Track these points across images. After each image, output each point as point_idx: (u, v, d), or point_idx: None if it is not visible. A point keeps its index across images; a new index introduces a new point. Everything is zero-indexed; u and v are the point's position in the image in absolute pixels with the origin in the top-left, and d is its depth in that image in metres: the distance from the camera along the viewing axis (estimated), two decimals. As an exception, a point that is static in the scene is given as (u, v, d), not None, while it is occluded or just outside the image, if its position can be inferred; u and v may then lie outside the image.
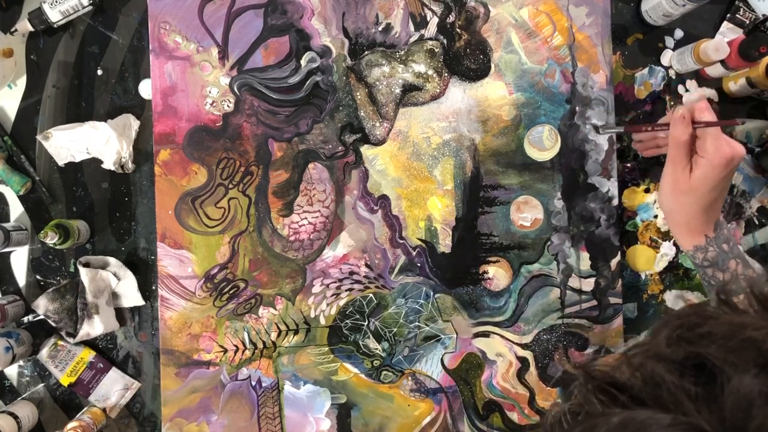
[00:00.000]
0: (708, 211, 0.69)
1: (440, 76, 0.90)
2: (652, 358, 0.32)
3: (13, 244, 0.87)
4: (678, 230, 0.73)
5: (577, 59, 0.90)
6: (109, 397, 0.91)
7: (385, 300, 0.91)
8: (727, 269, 0.70)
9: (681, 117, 0.67)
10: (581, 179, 0.91)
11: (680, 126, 0.67)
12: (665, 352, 0.32)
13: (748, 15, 0.91)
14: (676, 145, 0.68)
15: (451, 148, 0.90)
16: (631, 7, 0.92)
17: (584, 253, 0.91)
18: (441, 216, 0.91)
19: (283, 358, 0.91)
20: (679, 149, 0.68)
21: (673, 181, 0.69)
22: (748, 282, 0.34)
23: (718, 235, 0.70)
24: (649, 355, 0.32)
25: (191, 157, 0.90)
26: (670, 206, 0.71)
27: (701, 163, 0.66)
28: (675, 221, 0.73)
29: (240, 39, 0.90)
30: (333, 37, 0.90)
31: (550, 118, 0.90)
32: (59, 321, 0.88)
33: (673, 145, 0.68)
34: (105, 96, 0.91)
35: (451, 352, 0.91)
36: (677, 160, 0.68)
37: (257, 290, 0.91)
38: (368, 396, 0.91)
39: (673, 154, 0.68)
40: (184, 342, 0.90)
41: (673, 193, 0.70)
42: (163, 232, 0.90)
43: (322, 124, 0.90)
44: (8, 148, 0.91)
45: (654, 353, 0.32)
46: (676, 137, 0.67)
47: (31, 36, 0.91)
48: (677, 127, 0.67)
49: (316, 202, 0.91)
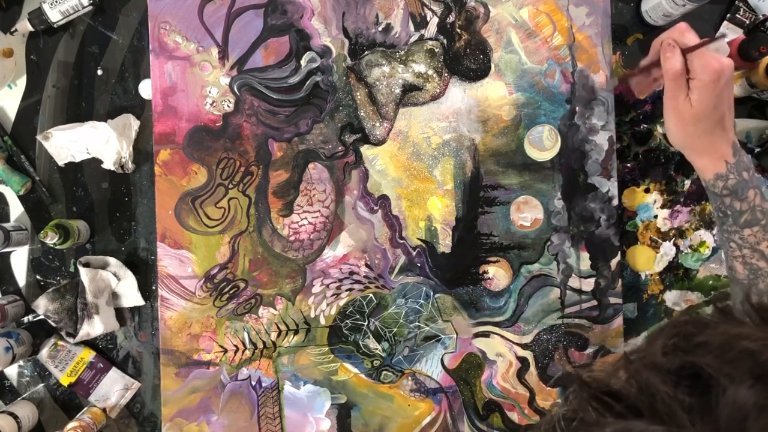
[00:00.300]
0: (719, 130, 0.67)
1: (440, 76, 0.90)
2: (648, 366, 0.32)
3: (13, 244, 0.87)
4: (697, 161, 0.71)
5: (577, 59, 0.90)
6: (109, 397, 0.91)
7: (385, 300, 0.91)
8: (746, 198, 0.68)
9: (671, 47, 0.65)
10: (581, 179, 0.91)
11: (672, 57, 0.65)
12: (661, 361, 0.31)
13: (748, 15, 0.91)
14: (673, 76, 0.66)
15: (451, 148, 0.90)
16: (631, 7, 0.92)
17: (584, 253, 0.91)
18: (441, 216, 0.91)
19: (283, 358, 0.91)
20: (676, 80, 0.66)
21: (677, 114, 0.67)
22: (745, 290, 0.34)
23: (738, 161, 0.68)
24: (644, 363, 0.32)
25: (191, 157, 0.90)
26: (682, 141, 0.70)
27: (695, 85, 0.65)
28: (692, 152, 0.71)
29: (240, 39, 0.90)
30: (333, 37, 0.90)
31: (550, 118, 0.90)
32: (59, 321, 0.88)
33: (669, 78, 0.66)
34: (105, 96, 0.91)
35: (451, 352, 0.91)
36: (677, 90, 0.66)
37: (257, 290, 0.91)
38: (368, 396, 0.91)
39: (672, 86, 0.67)
40: (184, 342, 0.90)
41: (680, 125, 0.68)
42: (163, 232, 0.90)
43: (322, 124, 0.90)
44: (8, 148, 0.91)
45: (649, 362, 0.32)
46: (671, 68, 0.66)
47: (31, 36, 0.91)
48: (669, 59, 0.65)
49: (316, 202, 0.91)
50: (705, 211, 0.93)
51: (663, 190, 0.92)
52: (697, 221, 0.93)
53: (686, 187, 0.92)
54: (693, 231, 0.92)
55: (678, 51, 0.65)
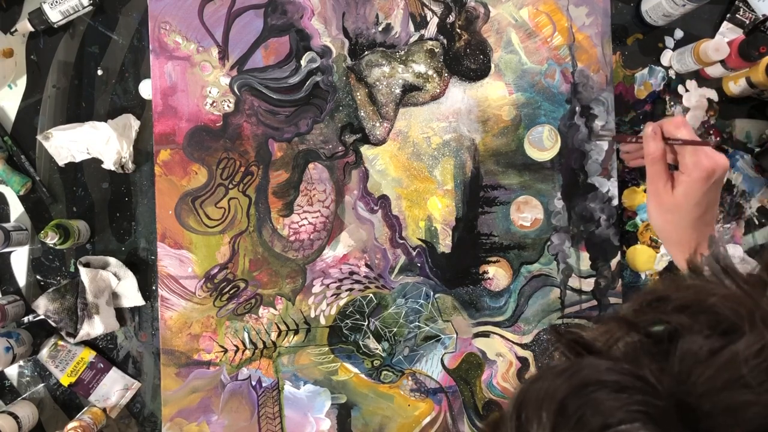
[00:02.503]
0: (697, 226, 0.67)
1: (440, 76, 0.90)
2: (619, 320, 0.33)
3: (14, 244, 0.87)
4: (670, 248, 0.71)
5: (577, 59, 0.90)
6: (110, 397, 0.91)
7: (385, 300, 0.91)
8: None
9: (652, 133, 0.66)
10: (581, 179, 0.91)
11: (651, 142, 0.66)
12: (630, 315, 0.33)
13: (748, 15, 0.91)
14: (652, 161, 0.66)
15: (451, 148, 0.90)
16: (631, 7, 0.92)
17: (584, 253, 0.91)
18: (441, 216, 0.91)
19: (283, 358, 0.91)
20: (655, 165, 0.66)
21: (657, 199, 0.67)
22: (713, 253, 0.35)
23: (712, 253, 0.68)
24: (616, 317, 0.33)
25: (191, 157, 0.90)
26: (658, 224, 0.70)
27: (682, 179, 0.65)
28: (666, 239, 0.71)
29: (240, 39, 0.90)
30: (333, 37, 0.90)
31: (550, 118, 0.90)
32: (59, 321, 0.88)
33: (648, 162, 0.67)
34: (105, 96, 0.91)
35: (451, 352, 0.91)
36: (656, 177, 0.67)
37: (257, 290, 0.91)
38: (368, 396, 0.91)
39: (651, 171, 0.67)
40: (185, 342, 0.90)
41: (659, 211, 0.68)
42: (163, 232, 0.90)
43: (322, 124, 0.90)
44: (8, 148, 0.91)
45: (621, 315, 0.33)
46: (649, 153, 0.66)
47: (31, 36, 0.91)
48: (649, 144, 0.66)
49: (316, 202, 0.91)
50: (705, 211, 0.93)
51: (663, 190, 0.92)
52: (697, 221, 0.93)
53: (686, 187, 0.92)
54: (693, 231, 0.93)
55: (659, 138, 0.65)
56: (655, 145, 0.65)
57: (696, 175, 0.64)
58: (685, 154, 0.64)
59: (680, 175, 0.65)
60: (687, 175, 0.64)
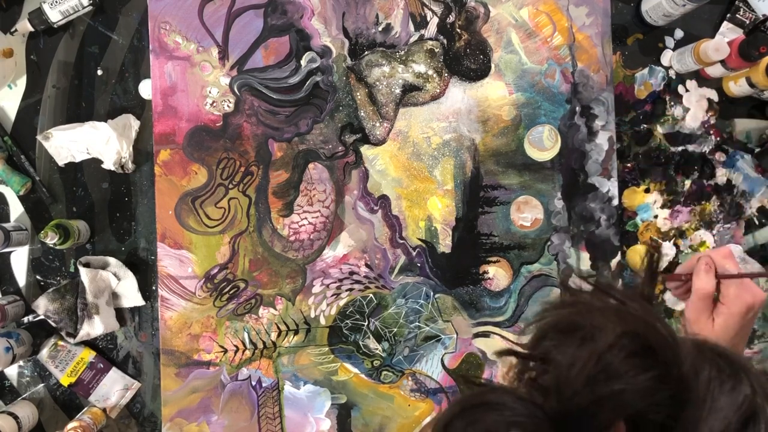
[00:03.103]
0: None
1: (440, 76, 0.90)
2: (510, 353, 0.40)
3: (13, 244, 0.87)
4: None
5: (577, 59, 0.90)
6: (110, 398, 0.91)
7: (385, 300, 0.91)
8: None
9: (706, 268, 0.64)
10: (581, 179, 0.91)
11: (704, 278, 0.64)
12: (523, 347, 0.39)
13: (748, 15, 0.91)
14: (701, 297, 0.64)
15: (451, 148, 0.90)
16: (631, 7, 0.92)
17: (584, 253, 0.91)
18: (441, 216, 0.91)
19: (283, 358, 0.91)
20: (703, 301, 0.64)
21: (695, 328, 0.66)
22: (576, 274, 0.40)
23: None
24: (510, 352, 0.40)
25: (191, 157, 0.90)
26: None
27: (722, 311, 0.63)
28: None
29: (240, 39, 0.90)
30: (333, 37, 0.90)
31: (550, 118, 0.90)
32: (59, 321, 0.88)
33: (697, 297, 0.65)
34: (105, 96, 0.91)
35: (452, 352, 0.91)
36: (701, 311, 0.65)
37: (257, 290, 0.91)
38: (368, 396, 0.91)
39: (698, 305, 0.65)
40: (184, 342, 0.90)
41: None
42: (163, 232, 0.90)
43: (322, 124, 0.90)
44: (8, 148, 0.91)
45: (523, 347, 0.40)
46: (701, 289, 0.64)
47: (31, 36, 0.91)
48: (701, 279, 0.64)
49: (316, 202, 0.91)
50: (705, 211, 0.93)
51: (663, 190, 0.92)
52: (697, 221, 0.93)
53: (686, 187, 0.92)
54: (693, 231, 0.93)
55: (712, 274, 0.64)
56: (707, 280, 0.64)
57: (736, 309, 0.63)
58: (730, 286, 0.63)
59: (721, 306, 0.64)
60: (727, 308, 0.63)
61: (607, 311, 0.36)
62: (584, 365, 0.33)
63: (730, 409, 0.33)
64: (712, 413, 0.33)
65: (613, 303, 0.37)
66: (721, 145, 0.92)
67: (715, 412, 0.33)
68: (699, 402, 0.33)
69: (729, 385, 0.34)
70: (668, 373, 0.33)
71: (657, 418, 0.33)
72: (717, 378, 0.34)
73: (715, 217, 0.93)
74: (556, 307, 0.40)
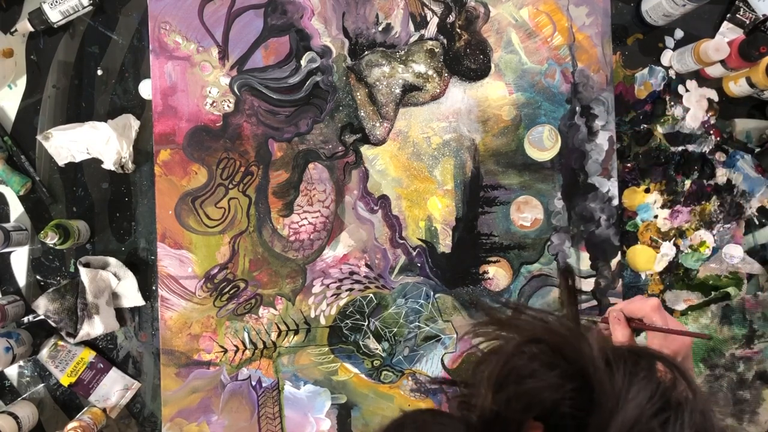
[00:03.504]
0: None
1: (440, 76, 0.90)
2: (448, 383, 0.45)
3: (13, 244, 0.87)
4: None
5: (577, 59, 0.90)
6: (110, 398, 0.91)
7: (385, 300, 0.91)
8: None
9: (614, 321, 0.63)
10: (581, 179, 0.91)
11: (616, 328, 0.63)
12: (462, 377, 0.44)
13: (748, 15, 0.91)
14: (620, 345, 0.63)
15: (451, 148, 0.90)
16: (631, 7, 0.92)
17: (584, 253, 0.91)
18: (441, 216, 0.91)
19: (283, 358, 0.91)
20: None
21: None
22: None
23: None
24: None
25: (191, 157, 0.90)
26: None
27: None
28: None
29: (240, 39, 0.90)
30: (333, 37, 0.90)
31: (550, 118, 0.90)
32: (59, 321, 0.88)
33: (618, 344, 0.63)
34: (105, 96, 0.91)
35: (452, 352, 0.91)
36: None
37: (257, 290, 0.91)
38: (368, 396, 0.91)
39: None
40: (185, 342, 0.90)
41: None
42: (163, 232, 0.90)
43: (322, 124, 0.90)
44: (8, 148, 0.91)
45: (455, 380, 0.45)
46: (616, 340, 0.63)
47: (31, 36, 0.91)
48: (615, 330, 0.63)
49: (316, 202, 0.91)
50: (705, 211, 0.93)
51: (663, 190, 0.92)
52: (697, 221, 0.93)
53: (686, 187, 0.92)
54: (693, 231, 0.93)
55: (623, 324, 0.63)
56: (620, 332, 0.63)
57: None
58: (654, 337, 0.62)
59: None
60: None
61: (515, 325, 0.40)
62: (492, 371, 0.36)
63: (643, 397, 0.34)
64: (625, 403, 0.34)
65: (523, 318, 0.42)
66: (721, 145, 0.92)
67: (627, 401, 0.34)
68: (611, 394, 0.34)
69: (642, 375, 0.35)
70: (573, 369, 0.35)
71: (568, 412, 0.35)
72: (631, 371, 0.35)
73: (715, 217, 0.93)
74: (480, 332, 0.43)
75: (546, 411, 0.35)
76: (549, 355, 0.36)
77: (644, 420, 0.33)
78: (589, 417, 0.34)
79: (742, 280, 0.92)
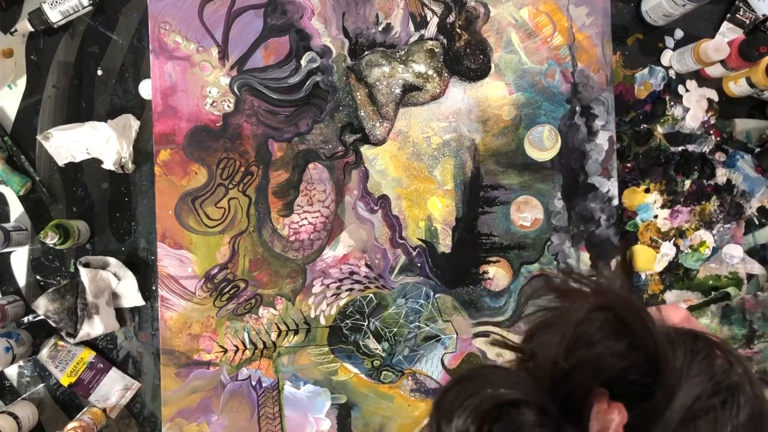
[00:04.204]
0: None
1: (440, 76, 0.90)
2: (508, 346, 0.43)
3: (13, 244, 0.87)
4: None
5: (577, 59, 0.90)
6: (110, 398, 0.91)
7: (385, 300, 0.91)
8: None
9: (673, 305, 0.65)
10: (581, 179, 0.91)
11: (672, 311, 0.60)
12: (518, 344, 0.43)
13: (748, 15, 0.91)
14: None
15: (451, 148, 0.90)
16: (631, 7, 0.92)
17: (584, 253, 0.91)
18: (441, 216, 0.91)
19: (283, 358, 0.91)
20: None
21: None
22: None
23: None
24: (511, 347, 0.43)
25: (191, 157, 0.90)
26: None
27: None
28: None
29: (240, 39, 0.90)
30: (333, 37, 0.90)
31: (550, 118, 0.90)
32: (59, 321, 0.88)
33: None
34: (105, 96, 0.91)
35: (452, 352, 0.91)
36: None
37: (257, 290, 0.91)
38: (368, 396, 0.91)
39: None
40: (184, 342, 0.90)
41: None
42: (163, 232, 0.90)
43: (322, 124, 0.90)
44: (8, 148, 0.91)
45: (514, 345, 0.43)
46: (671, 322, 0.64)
47: (31, 36, 0.91)
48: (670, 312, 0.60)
49: (316, 202, 0.91)
50: (705, 211, 0.93)
51: (663, 190, 0.92)
52: (697, 221, 0.93)
53: (686, 187, 0.92)
54: (693, 231, 0.93)
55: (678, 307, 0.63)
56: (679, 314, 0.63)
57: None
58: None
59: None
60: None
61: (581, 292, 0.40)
62: (563, 336, 0.36)
63: (705, 376, 0.36)
64: (687, 379, 0.35)
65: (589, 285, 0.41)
66: (721, 145, 0.92)
67: (690, 378, 0.35)
68: (675, 369, 0.35)
69: (702, 356, 0.36)
70: (639, 341, 0.36)
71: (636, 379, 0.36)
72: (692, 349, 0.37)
73: (715, 217, 0.93)
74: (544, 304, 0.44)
75: (612, 379, 0.36)
76: (616, 324, 0.37)
77: (705, 397, 0.35)
78: (655, 387, 0.35)
79: (742, 280, 0.92)
